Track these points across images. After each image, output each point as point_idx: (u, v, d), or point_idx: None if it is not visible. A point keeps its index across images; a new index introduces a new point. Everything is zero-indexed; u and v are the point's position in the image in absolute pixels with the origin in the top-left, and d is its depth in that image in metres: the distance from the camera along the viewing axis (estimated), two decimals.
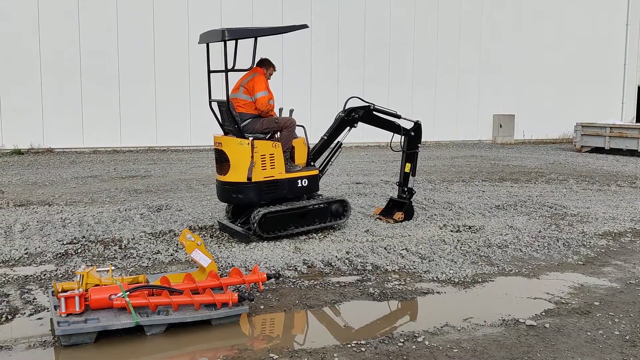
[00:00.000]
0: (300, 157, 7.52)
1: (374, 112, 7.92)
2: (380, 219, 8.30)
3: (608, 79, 25.19)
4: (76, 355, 4.10)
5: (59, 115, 16.55)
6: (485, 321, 4.75)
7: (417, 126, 8.29)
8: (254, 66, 7.27)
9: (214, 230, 7.60)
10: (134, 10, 17.23)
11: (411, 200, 8.36)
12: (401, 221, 8.14)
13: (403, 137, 8.25)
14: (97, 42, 16.82)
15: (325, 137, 7.81)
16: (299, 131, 7.53)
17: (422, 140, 8.41)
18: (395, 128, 8.12)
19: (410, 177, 8.32)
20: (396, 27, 20.85)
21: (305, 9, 19.24)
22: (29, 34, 16.12)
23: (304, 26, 7.39)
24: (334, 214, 7.51)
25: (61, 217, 8.11)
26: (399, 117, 8.03)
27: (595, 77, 24.75)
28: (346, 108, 7.83)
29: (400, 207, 8.31)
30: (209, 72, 7.37)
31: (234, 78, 7.06)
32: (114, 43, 17.04)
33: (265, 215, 6.92)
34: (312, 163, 7.64)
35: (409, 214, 8.29)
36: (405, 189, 8.35)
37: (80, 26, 16.60)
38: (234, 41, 7.12)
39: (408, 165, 8.31)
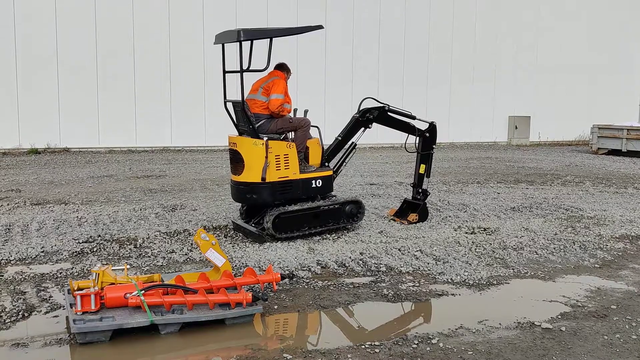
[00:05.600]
0: (315, 158, 7.51)
1: (389, 113, 7.90)
2: (394, 220, 8.28)
3: (625, 80, 24.92)
4: (91, 353, 4.12)
5: (75, 116, 16.69)
6: (500, 324, 4.72)
7: (432, 127, 8.25)
8: (273, 69, 7.32)
9: (228, 230, 7.62)
10: (150, 11, 17.34)
11: (425, 201, 8.32)
12: (415, 222, 8.11)
13: (418, 138, 8.22)
14: (113, 42, 16.94)
15: (340, 138, 7.80)
16: (313, 132, 7.54)
17: (437, 141, 8.36)
18: (409, 129, 8.10)
19: (425, 179, 8.29)
20: (410, 27, 20.79)
21: (320, 8, 19.24)
22: (47, 35, 16.27)
23: (319, 27, 7.39)
24: (348, 214, 7.50)
25: (77, 216, 8.18)
26: (413, 118, 8.01)
27: (613, 79, 24.50)
28: (361, 109, 7.82)
29: (414, 208, 8.28)
30: (224, 72, 7.40)
31: (250, 78, 7.08)
32: (129, 43, 17.16)
33: (279, 215, 6.92)
34: (326, 164, 7.64)
35: (423, 216, 8.25)
36: (420, 190, 8.32)
37: (97, 27, 16.74)
38: (249, 42, 7.14)
39: (423, 167, 8.27)
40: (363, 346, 4.24)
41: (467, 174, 13.52)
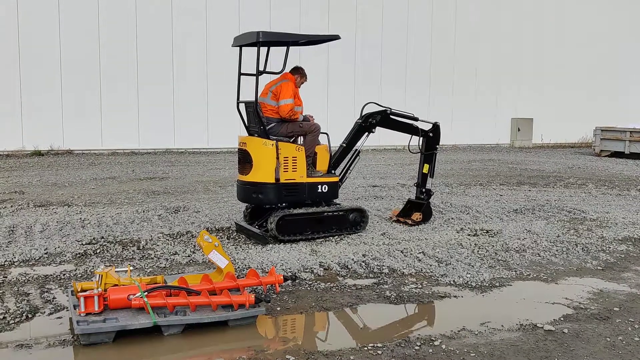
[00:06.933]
0: (322, 164, 7.55)
1: (391, 116, 7.91)
2: (398, 220, 8.29)
3: (628, 82, 24.90)
4: (95, 355, 4.14)
5: (78, 117, 16.74)
6: (502, 326, 4.72)
7: (436, 127, 8.26)
8: (286, 72, 7.35)
9: (231, 232, 7.64)
10: (153, 14, 17.39)
11: (429, 201, 8.33)
12: (419, 222, 8.11)
13: (421, 138, 8.23)
14: (116, 44, 16.99)
15: (345, 145, 7.81)
16: (322, 138, 7.57)
17: (439, 143, 8.37)
18: (413, 130, 8.11)
19: (429, 179, 8.30)
20: (413, 30, 20.80)
21: (323, 10, 19.27)
22: (50, 36, 16.32)
23: (337, 37, 7.50)
24: (351, 223, 7.51)
25: (80, 218, 8.20)
26: (416, 119, 8.02)
27: (615, 81, 24.49)
28: (363, 114, 7.84)
29: (418, 208, 8.28)
30: (240, 74, 7.45)
31: (263, 81, 7.13)
32: (132, 45, 17.21)
33: (283, 217, 6.94)
34: (332, 171, 7.66)
35: (426, 215, 8.26)
36: (423, 190, 8.32)
37: (99, 29, 16.79)
38: (267, 46, 7.23)
39: (426, 167, 8.28)
40: (365, 348, 4.25)
41: (470, 176, 13.52)
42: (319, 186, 7.32)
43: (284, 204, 7.15)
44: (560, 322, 4.83)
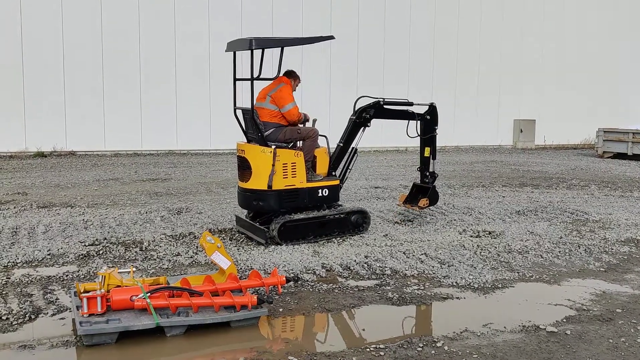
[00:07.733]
0: (322, 167, 7.53)
1: (385, 106, 7.86)
2: (406, 207, 8.29)
3: (631, 83, 24.86)
4: (97, 355, 4.15)
5: (81, 119, 16.76)
6: (505, 327, 4.72)
7: (432, 108, 8.21)
8: (281, 76, 7.32)
9: (233, 233, 7.64)
10: (156, 15, 17.41)
11: (434, 184, 8.29)
12: (426, 207, 8.09)
13: (418, 122, 8.17)
14: (118, 46, 17.01)
15: (342, 144, 7.73)
16: (321, 141, 7.56)
17: (442, 144, 8.36)
18: (409, 116, 8.05)
19: (432, 161, 8.23)
20: (415, 30, 20.81)
21: (324, 11, 19.28)
22: (52, 38, 16.35)
23: (331, 37, 7.44)
24: (353, 224, 7.51)
25: (83, 219, 8.22)
26: (411, 104, 7.99)
27: (618, 82, 24.45)
28: (356, 109, 7.82)
29: (424, 192, 8.23)
30: (235, 80, 7.43)
31: (258, 87, 7.11)
32: (135, 47, 17.23)
33: (284, 223, 6.94)
34: (333, 173, 7.64)
35: (433, 200, 8.21)
36: (427, 173, 8.28)
37: (102, 31, 16.81)
38: (261, 50, 7.18)
39: (427, 150, 8.24)
40: (368, 349, 4.25)
41: (472, 178, 13.51)
42: (320, 190, 7.31)
43: (284, 210, 7.14)
44: (563, 323, 4.83)
